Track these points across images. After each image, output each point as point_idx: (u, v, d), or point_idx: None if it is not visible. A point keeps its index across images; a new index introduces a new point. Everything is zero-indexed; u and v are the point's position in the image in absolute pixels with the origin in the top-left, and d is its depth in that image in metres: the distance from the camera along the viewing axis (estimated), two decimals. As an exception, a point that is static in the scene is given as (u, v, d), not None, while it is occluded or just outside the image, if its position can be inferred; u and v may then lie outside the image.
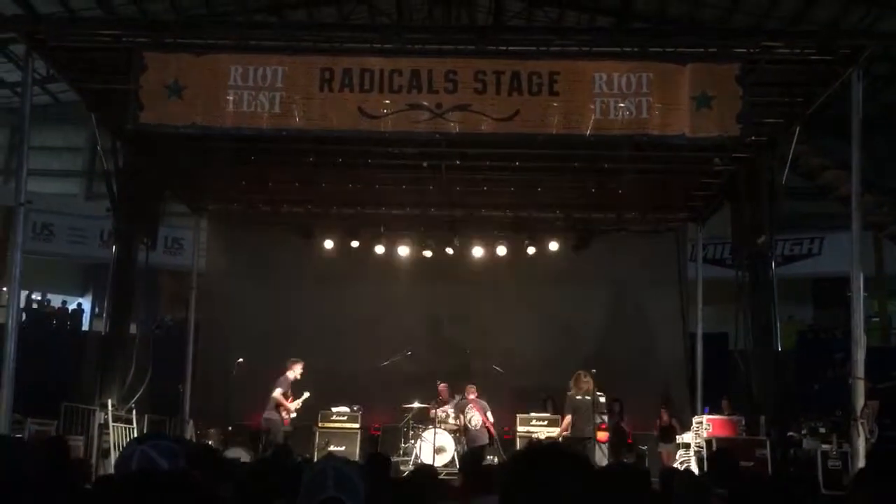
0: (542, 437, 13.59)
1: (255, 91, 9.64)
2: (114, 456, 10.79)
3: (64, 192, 23.64)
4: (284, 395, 13.31)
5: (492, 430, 13.64)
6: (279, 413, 13.24)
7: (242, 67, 9.67)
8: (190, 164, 13.65)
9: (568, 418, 12.66)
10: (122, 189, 12.17)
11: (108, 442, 11.23)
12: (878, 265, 18.77)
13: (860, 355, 9.40)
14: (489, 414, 13.62)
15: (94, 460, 10.92)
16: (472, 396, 13.73)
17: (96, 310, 21.63)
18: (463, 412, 13.47)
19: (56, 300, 22.09)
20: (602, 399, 12.57)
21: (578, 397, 12.37)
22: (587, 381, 12.33)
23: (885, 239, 18.06)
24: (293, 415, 13.45)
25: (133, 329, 13.10)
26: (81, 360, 16.33)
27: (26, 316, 21.15)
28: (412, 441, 13.88)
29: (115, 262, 12.43)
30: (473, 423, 13.33)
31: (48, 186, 22.90)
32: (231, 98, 9.62)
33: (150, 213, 13.03)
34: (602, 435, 12.20)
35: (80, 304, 22.35)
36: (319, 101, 9.73)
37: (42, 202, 21.36)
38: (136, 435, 11.22)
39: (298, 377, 13.55)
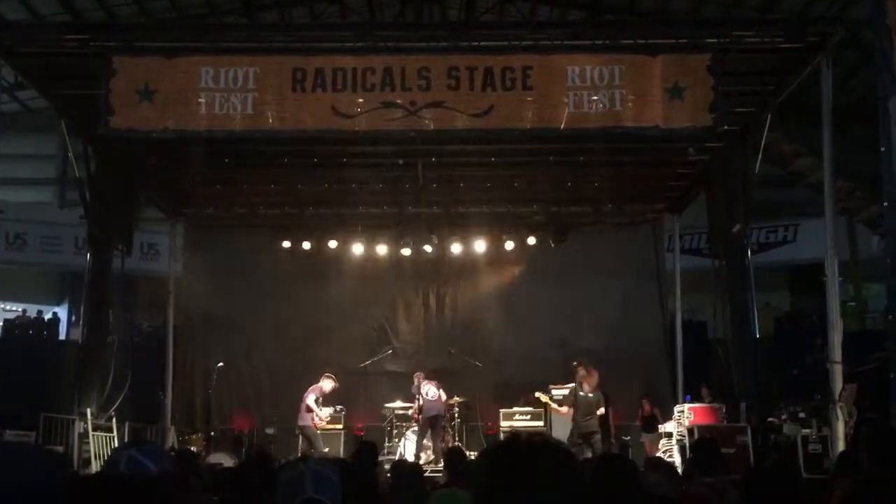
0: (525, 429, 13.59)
1: (227, 93, 9.57)
2: (95, 465, 10.69)
3: (36, 200, 23.32)
4: (316, 402, 13.31)
5: (445, 404, 13.63)
6: (311, 419, 13.24)
7: (213, 69, 9.60)
8: (163, 168, 13.55)
9: (565, 409, 12.85)
10: (95, 196, 12.04)
11: (89, 451, 11.12)
12: (852, 250, 18.96)
13: (837, 340, 9.51)
14: (442, 392, 13.62)
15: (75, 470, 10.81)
16: (420, 380, 13.69)
17: (73, 318, 21.40)
18: (419, 390, 13.46)
19: (32, 310, 21.81)
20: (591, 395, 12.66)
21: (581, 393, 12.45)
22: (594, 376, 12.45)
23: (859, 224, 18.26)
24: (323, 422, 13.53)
25: (111, 337, 12.95)
26: (59, 370, 16.13)
27: (2, 326, 20.96)
28: (396, 440, 13.87)
29: (91, 270, 12.31)
30: (430, 394, 13.32)
31: (20, 195, 22.61)
32: (203, 101, 9.56)
33: (124, 219, 12.88)
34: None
35: (55, 313, 22.08)
36: (292, 102, 9.68)
37: (14, 211, 21.11)
38: (116, 444, 11.12)
39: (327, 391, 13.57)
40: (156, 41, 10.02)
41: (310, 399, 13.30)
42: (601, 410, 12.78)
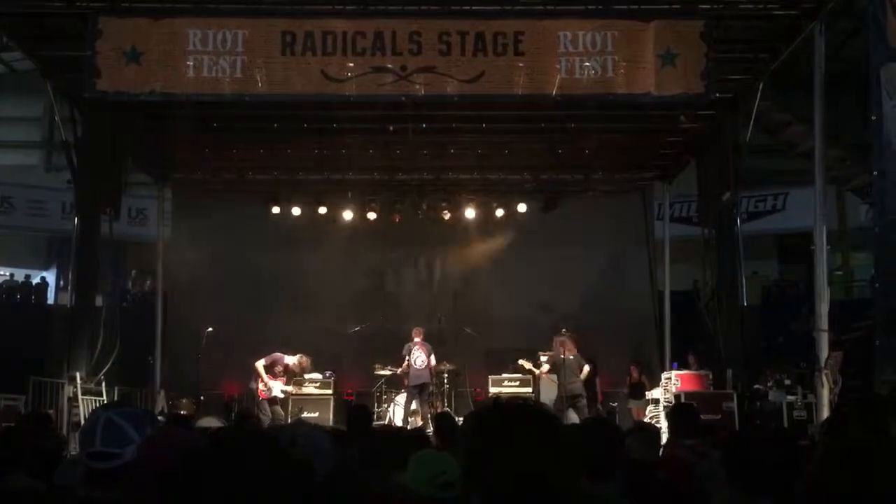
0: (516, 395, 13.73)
1: (215, 56, 9.46)
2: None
3: (22, 163, 23.06)
4: (270, 368, 13.04)
5: (433, 371, 13.72)
6: (257, 384, 13.09)
7: (201, 32, 9.47)
8: (151, 132, 13.43)
9: (545, 367, 13.02)
10: (82, 159, 11.92)
11: (79, 415, 11.15)
12: (841, 219, 19.04)
13: (824, 308, 9.56)
14: (433, 357, 13.70)
15: (65, 433, 10.85)
16: (418, 339, 13.76)
17: (61, 283, 21.33)
18: (409, 353, 13.56)
19: (19, 274, 21.71)
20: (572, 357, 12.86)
21: (562, 357, 12.63)
22: (564, 342, 12.66)
23: (849, 193, 18.31)
24: (279, 394, 13.06)
25: (99, 301, 12.93)
26: (48, 334, 16.13)
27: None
28: (385, 405, 13.96)
29: (78, 235, 12.23)
30: (419, 363, 13.42)
31: (6, 158, 22.38)
32: (191, 63, 9.44)
33: (112, 183, 12.79)
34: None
35: (43, 278, 22.00)
36: (282, 65, 9.58)
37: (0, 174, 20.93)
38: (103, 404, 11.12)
39: (295, 366, 13.25)
40: (143, 2, 9.85)
41: (258, 363, 12.96)
42: (585, 370, 12.99)
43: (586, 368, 13.11)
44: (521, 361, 13.85)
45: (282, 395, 13.10)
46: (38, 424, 4.85)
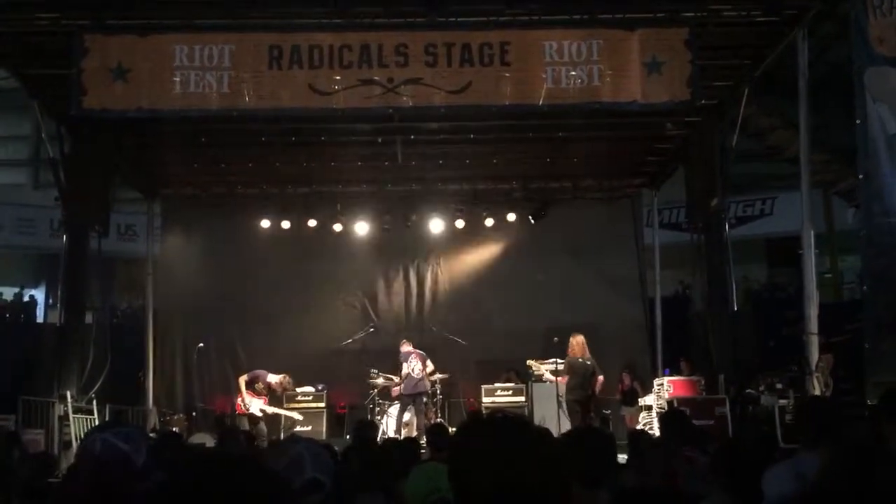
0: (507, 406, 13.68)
1: (202, 71, 9.47)
2: (76, 447, 10.65)
3: (10, 182, 23.03)
4: (251, 384, 12.96)
5: (428, 380, 13.67)
6: (237, 399, 13.02)
7: (188, 47, 9.48)
8: (139, 148, 13.42)
9: (567, 378, 12.70)
10: (69, 177, 11.89)
11: (70, 434, 11.08)
12: (828, 222, 19.16)
13: (813, 311, 9.61)
14: (429, 364, 13.66)
15: (56, 452, 10.77)
16: (409, 348, 13.72)
17: (50, 301, 21.23)
18: (407, 362, 13.50)
19: (8, 293, 21.60)
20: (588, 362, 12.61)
21: (580, 360, 12.30)
22: (583, 344, 12.37)
23: (835, 196, 18.43)
24: (256, 412, 12.93)
25: (89, 318, 12.87)
26: (37, 353, 16.02)
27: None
28: (378, 417, 13.91)
29: (67, 252, 12.19)
30: (416, 371, 13.37)
31: (-7, 177, 22.35)
32: (178, 79, 9.45)
33: (100, 200, 12.75)
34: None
35: (32, 296, 21.89)
36: (269, 80, 9.60)
37: (-13, 193, 20.86)
38: (97, 425, 11.05)
39: (277, 385, 13.20)
40: (128, 19, 9.85)
41: (241, 378, 12.87)
42: (601, 379, 12.64)
43: (601, 378, 12.68)
44: (529, 362, 13.67)
45: (259, 414, 12.96)
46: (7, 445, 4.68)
